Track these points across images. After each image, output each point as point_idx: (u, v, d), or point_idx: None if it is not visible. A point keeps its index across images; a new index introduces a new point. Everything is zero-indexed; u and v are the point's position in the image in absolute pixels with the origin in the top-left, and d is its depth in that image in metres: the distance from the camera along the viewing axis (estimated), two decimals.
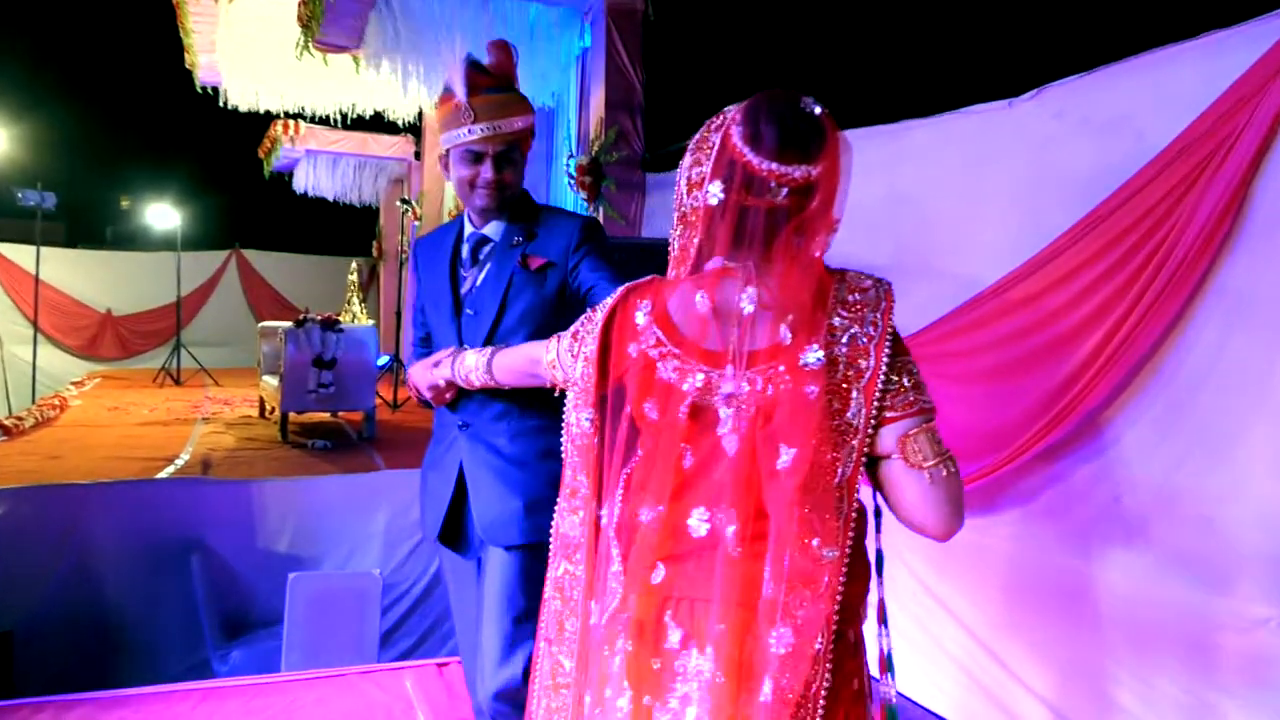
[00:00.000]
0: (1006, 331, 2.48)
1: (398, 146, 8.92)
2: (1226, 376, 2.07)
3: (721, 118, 1.19)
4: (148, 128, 17.07)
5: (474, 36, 4.70)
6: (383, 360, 6.35)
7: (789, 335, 1.13)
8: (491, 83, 1.85)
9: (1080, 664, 2.33)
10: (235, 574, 3.59)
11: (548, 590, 1.33)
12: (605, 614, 1.22)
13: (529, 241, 1.92)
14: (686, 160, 1.22)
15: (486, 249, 1.95)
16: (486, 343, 1.84)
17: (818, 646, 1.11)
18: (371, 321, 6.31)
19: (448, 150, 1.90)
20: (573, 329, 1.38)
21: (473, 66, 1.84)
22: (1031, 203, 2.53)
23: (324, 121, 7.18)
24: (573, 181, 4.93)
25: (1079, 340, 2.28)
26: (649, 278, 1.29)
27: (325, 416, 5.63)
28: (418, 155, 8.82)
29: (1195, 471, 2.13)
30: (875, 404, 1.14)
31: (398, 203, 7.46)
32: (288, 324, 5.23)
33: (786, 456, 1.10)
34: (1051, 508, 2.38)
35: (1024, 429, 2.36)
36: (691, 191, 1.20)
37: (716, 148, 1.16)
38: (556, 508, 1.33)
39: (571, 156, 5.04)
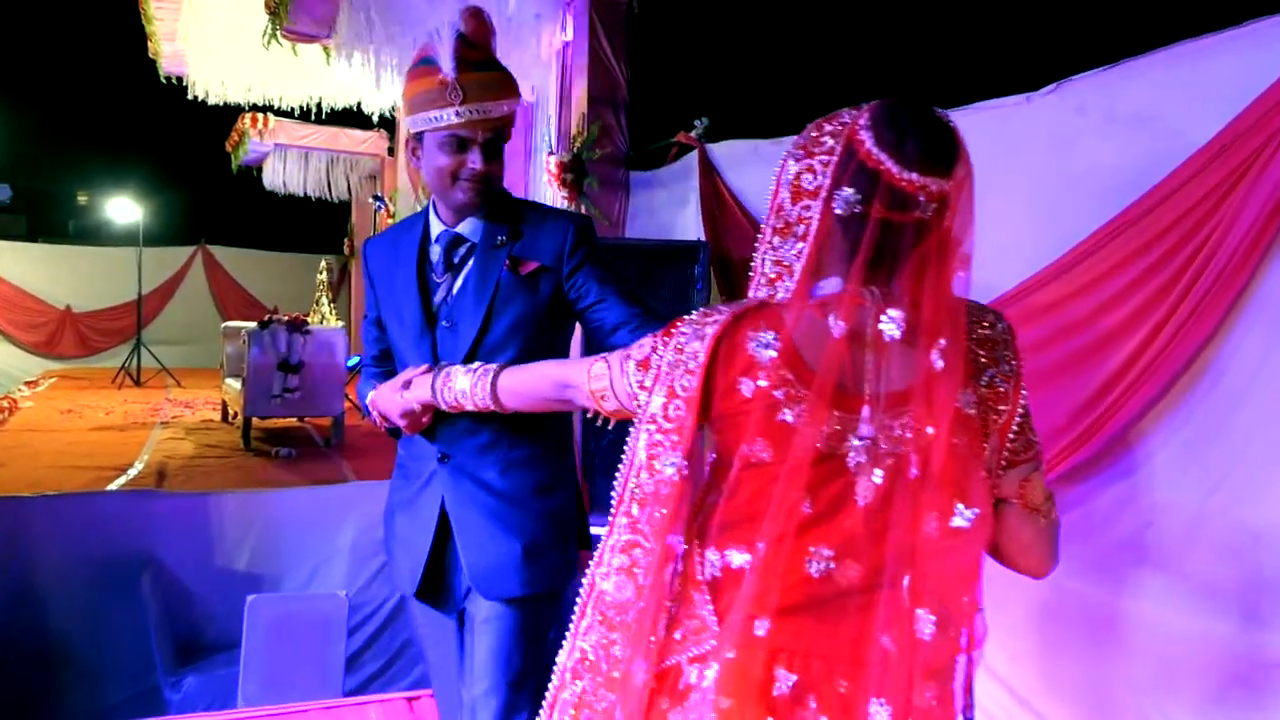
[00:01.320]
0: (1026, 342, 2.28)
1: (370, 142, 8.66)
2: (1268, 395, 1.93)
3: (838, 121, 1.07)
4: (111, 119, 16.56)
5: (452, 27, 4.49)
6: (353, 361, 6.12)
7: (940, 362, 1.00)
8: (481, 58, 1.59)
9: (1103, 700, 2.17)
10: (190, 594, 3.35)
11: (564, 659, 1.12)
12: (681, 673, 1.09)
13: (515, 242, 1.65)
14: (791, 166, 1.09)
15: (462, 250, 1.69)
16: (469, 359, 1.59)
17: (959, 703, 1.08)
18: (341, 323, 6.07)
19: (420, 134, 1.62)
20: (639, 354, 1.17)
21: (462, 39, 1.58)
22: (1052, 203, 2.37)
23: (294, 115, 6.94)
24: (553, 179, 4.73)
25: (1106, 353, 2.12)
26: (753, 300, 1.10)
27: (291, 422, 5.38)
28: (391, 151, 8.58)
29: (1231, 497, 1.98)
30: (1008, 449, 1.08)
31: (370, 199, 7.22)
32: (251, 325, 4.99)
33: (964, 518, 1.01)
34: (1076, 532, 2.21)
35: (1047, 448, 2.19)
36: (800, 200, 1.06)
37: (840, 153, 1.04)
38: (596, 564, 1.13)
39: (552, 153, 4.85)
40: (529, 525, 1.63)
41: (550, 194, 4.80)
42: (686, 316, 1.14)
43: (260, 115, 7.95)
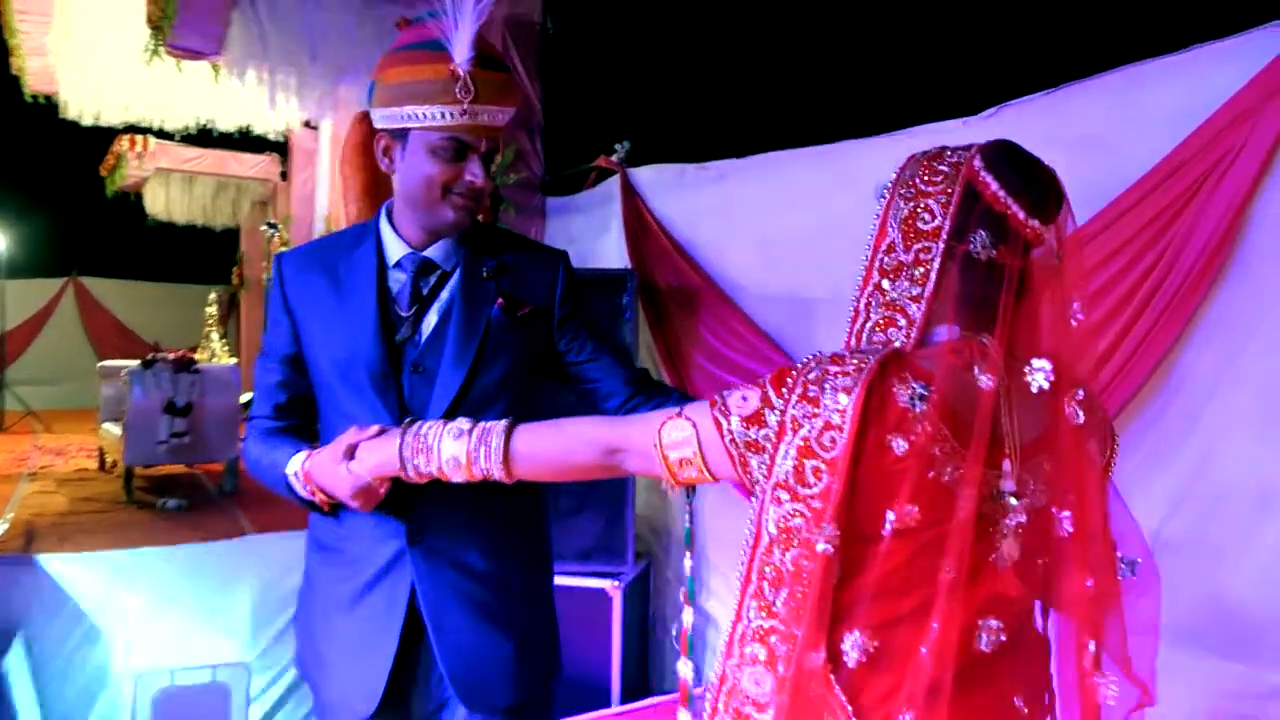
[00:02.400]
0: None
1: (262, 166, 8.25)
2: (1220, 417, 1.93)
3: (946, 162, 1.04)
4: None
5: (353, 46, 4.27)
6: (245, 398, 5.73)
7: (1080, 415, 0.98)
8: (493, 54, 1.33)
9: None
10: (65, 673, 2.97)
11: None
12: None
13: (503, 275, 1.40)
14: (902, 205, 1.04)
15: (432, 280, 1.40)
16: (449, 416, 1.28)
17: None
18: (234, 359, 5.68)
19: (403, 132, 1.33)
20: (744, 408, 1.01)
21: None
22: None
23: (178, 137, 6.55)
24: None
25: None
26: (891, 349, 0.99)
27: (180, 469, 4.97)
28: (284, 176, 8.19)
29: (1190, 520, 1.96)
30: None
31: (263, 227, 6.83)
32: (133, 363, 4.59)
33: (1129, 568, 1.04)
34: None
35: None
36: (918, 241, 1.02)
37: (960, 195, 1.01)
38: (726, 654, 1.00)
39: None
40: (521, 616, 1.39)
41: None
42: (798, 365, 1.01)
43: (139, 137, 7.49)
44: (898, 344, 1.01)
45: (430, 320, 1.40)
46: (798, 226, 2.97)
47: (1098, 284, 2.02)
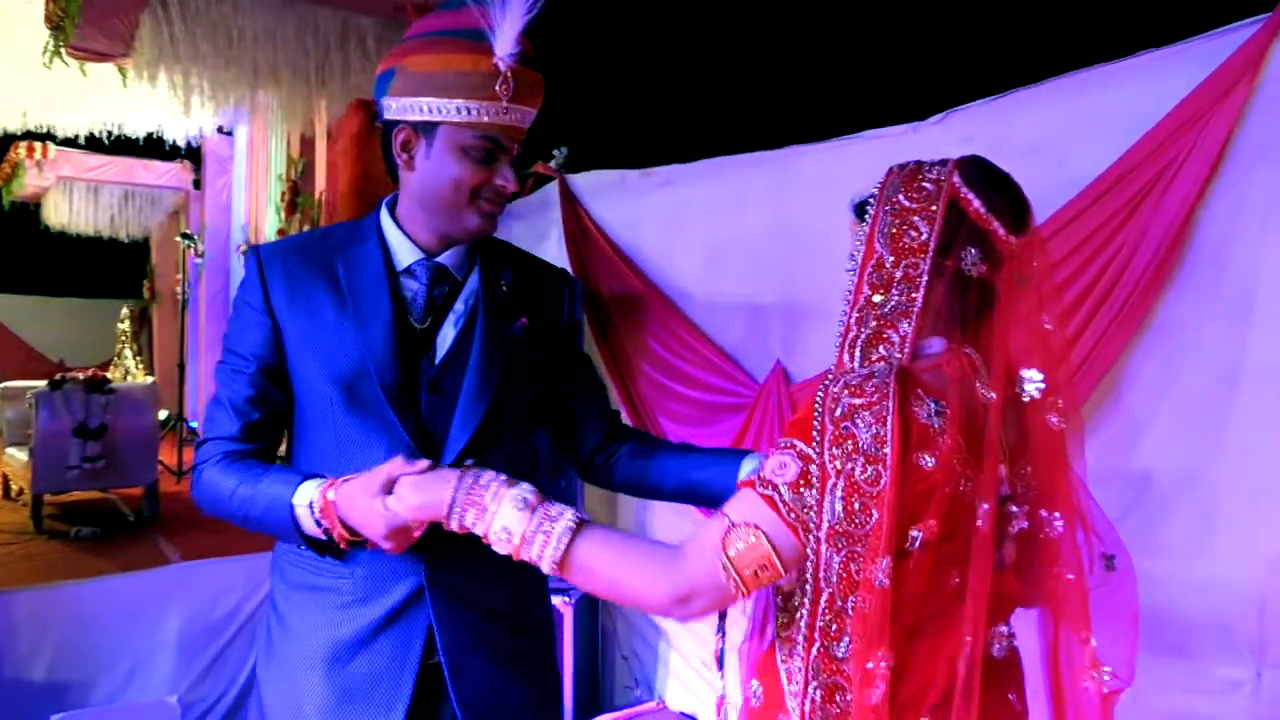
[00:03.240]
0: None
1: (173, 174, 7.89)
2: (1169, 424, 1.96)
3: (927, 178, 1.06)
4: None
5: (273, 47, 4.09)
6: (162, 415, 5.45)
7: (1058, 421, 1.02)
8: (531, 52, 1.22)
9: None
10: None
11: None
12: None
13: (519, 291, 1.30)
14: (886, 220, 1.06)
15: (445, 288, 1.28)
16: (470, 450, 1.18)
17: None
18: (150, 377, 5.39)
19: (431, 126, 1.20)
20: (786, 475, 0.96)
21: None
22: None
23: (82, 144, 6.21)
24: None
25: None
26: (898, 367, 0.99)
27: (94, 495, 4.68)
28: (197, 184, 7.84)
29: (1139, 521, 1.99)
30: None
31: (177, 237, 6.52)
32: (39, 384, 4.31)
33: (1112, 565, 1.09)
34: None
35: None
36: (906, 257, 1.03)
37: (943, 211, 1.03)
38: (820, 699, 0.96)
39: None
40: (536, 658, 1.29)
41: None
42: (815, 408, 0.98)
43: (38, 144, 7.09)
44: (894, 359, 1.01)
45: (447, 335, 1.27)
46: (745, 232, 2.94)
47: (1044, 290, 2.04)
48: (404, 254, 1.28)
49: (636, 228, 3.31)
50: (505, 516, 1.04)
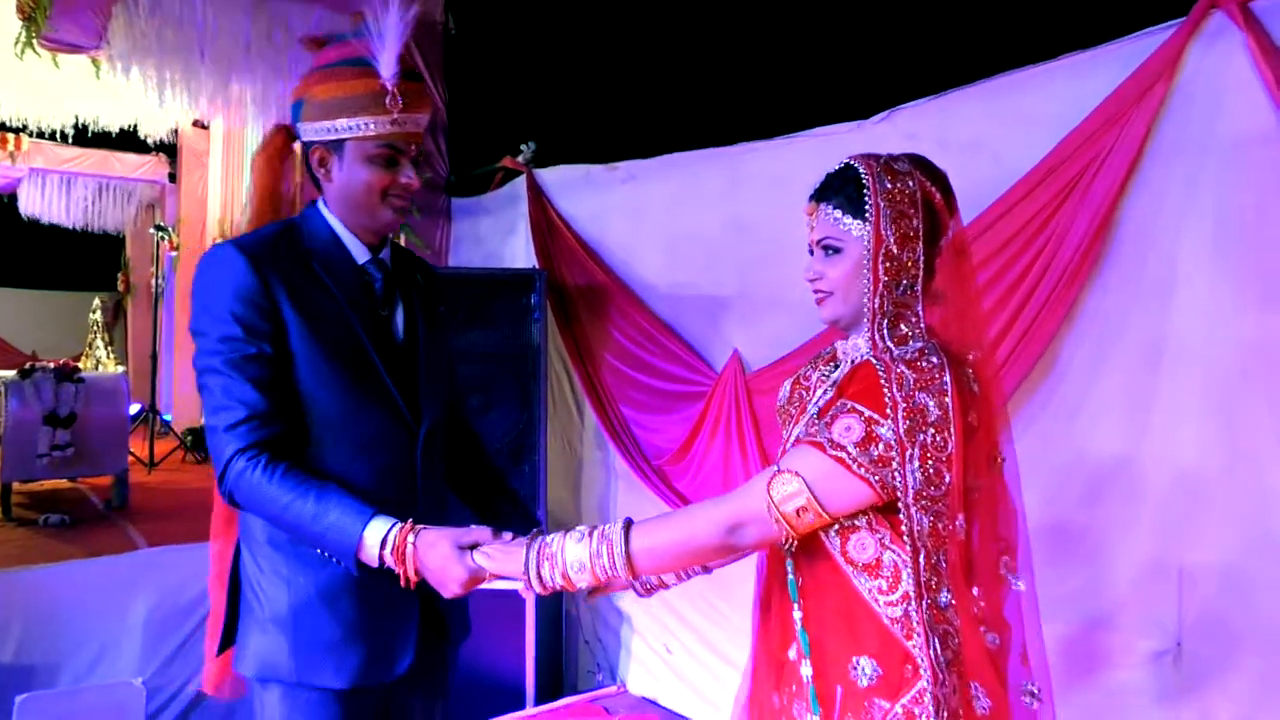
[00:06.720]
0: None
1: (148, 167, 7.86)
2: (1099, 406, 2.04)
3: (906, 176, 1.19)
4: None
5: (245, 40, 4.12)
6: (135, 408, 5.46)
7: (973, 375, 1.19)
8: (410, 66, 1.43)
9: None
10: None
11: None
12: None
13: (430, 285, 1.58)
14: (888, 211, 1.17)
15: (381, 282, 1.50)
16: (432, 433, 1.49)
17: None
18: (121, 367, 5.40)
19: (338, 143, 1.40)
20: (851, 436, 1.09)
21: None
22: None
23: (55, 136, 6.19)
24: None
25: None
26: (935, 341, 1.18)
27: (63, 484, 4.70)
28: (172, 177, 7.82)
29: (1069, 504, 2.07)
30: None
31: (151, 230, 6.52)
32: (9, 374, 4.32)
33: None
34: None
35: None
36: (907, 245, 1.17)
37: (923, 207, 1.18)
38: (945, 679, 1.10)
39: None
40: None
41: None
42: (880, 380, 1.11)
43: (12, 136, 7.04)
44: (917, 335, 1.18)
45: (398, 320, 1.51)
46: (703, 225, 3.02)
47: (982, 279, 2.12)
48: (358, 251, 1.48)
49: (601, 221, 3.38)
50: (571, 553, 1.17)
